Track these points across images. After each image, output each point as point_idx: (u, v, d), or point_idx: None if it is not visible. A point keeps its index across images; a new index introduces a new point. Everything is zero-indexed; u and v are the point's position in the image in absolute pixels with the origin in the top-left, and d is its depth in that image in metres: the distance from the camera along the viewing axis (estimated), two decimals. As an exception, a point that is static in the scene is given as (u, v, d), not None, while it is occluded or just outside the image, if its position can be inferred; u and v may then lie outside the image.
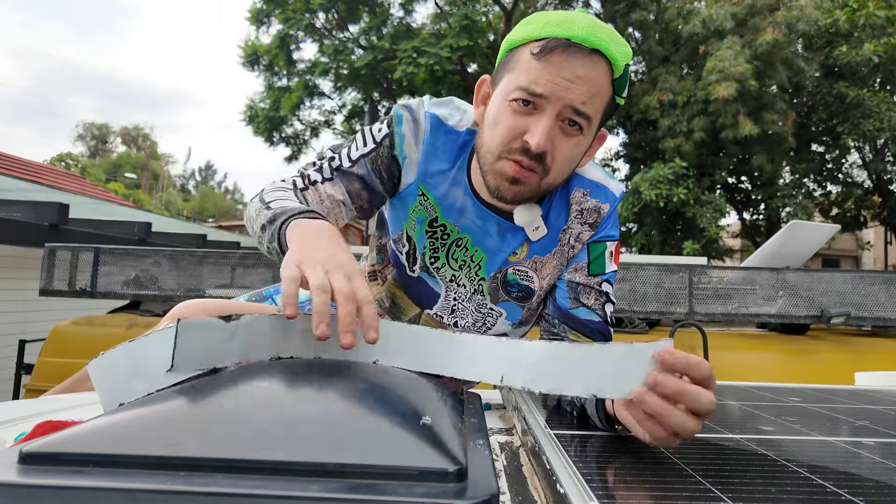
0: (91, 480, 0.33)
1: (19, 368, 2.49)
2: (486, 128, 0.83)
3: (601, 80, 0.77)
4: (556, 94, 0.75)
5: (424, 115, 0.91)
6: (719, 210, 9.71)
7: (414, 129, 0.91)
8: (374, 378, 0.55)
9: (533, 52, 0.76)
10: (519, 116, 0.78)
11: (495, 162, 0.81)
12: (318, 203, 0.90)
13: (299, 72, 13.13)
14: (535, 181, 0.81)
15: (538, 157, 0.78)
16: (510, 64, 0.80)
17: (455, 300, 1.00)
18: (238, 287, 2.32)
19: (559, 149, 0.79)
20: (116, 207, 8.75)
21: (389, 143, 0.91)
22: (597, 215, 0.92)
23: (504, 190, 0.82)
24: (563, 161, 0.81)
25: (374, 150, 0.92)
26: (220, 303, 0.99)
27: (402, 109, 0.92)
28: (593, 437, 0.61)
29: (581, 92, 0.75)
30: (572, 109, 0.76)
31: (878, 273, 2.33)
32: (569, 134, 0.79)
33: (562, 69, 0.75)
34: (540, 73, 0.75)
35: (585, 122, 0.78)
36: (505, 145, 0.79)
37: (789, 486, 0.45)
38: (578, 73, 0.75)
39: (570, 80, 0.75)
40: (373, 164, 0.91)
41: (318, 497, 0.32)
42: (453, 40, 10.83)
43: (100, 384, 0.57)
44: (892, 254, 15.13)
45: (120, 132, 40.03)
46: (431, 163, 0.91)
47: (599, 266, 0.93)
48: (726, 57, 9.11)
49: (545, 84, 0.75)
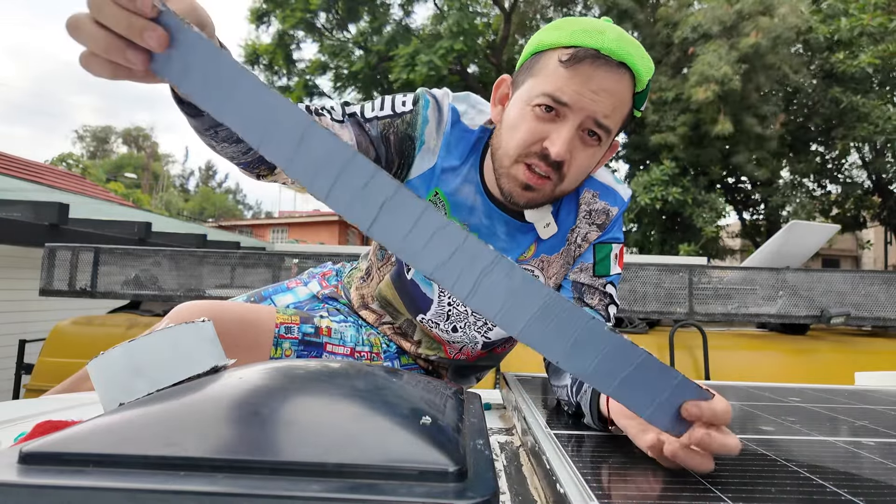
0: (91, 480, 0.33)
1: (19, 368, 2.49)
2: (504, 130, 0.83)
3: (624, 93, 0.77)
4: (580, 105, 0.75)
5: (448, 108, 0.90)
6: (716, 210, 9.73)
7: (438, 117, 0.90)
8: (375, 378, 0.55)
9: (561, 60, 0.75)
10: (541, 122, 0.78)
11: (511, 165, 0.81)
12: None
13: (299, 71, 13.13)
14: (549, 188, 0.81)
15: (556, 165, 0.78)
16: (535, 68, 0.79)
17: (450, 305, 0.99)
18: (238, 287, 2.32)
19: (576, 158, 0.79)
20: (116, 207, 8.74)
21: (410, 121, 0.88)
22: (605, 217, 0.93)
23: (517, 196, 0.82)
24: (579, 170, 0.81)
25: (391, 118, 0.88)
26: (218, 304, 0.99)
27: (428, 95, 0.90)
28: (593, 437, 0.61)
29: (605, 105, 0.76)
30: (594, 121, 0.76)
31: (878, 273, 2.33)
32: (587, 144, 0.79)
33: (589, 80, 0.74)
34: (567, 81, 0.75)
35: (605, 134, 0.79)
36: (523, 149, 0.79)
37: (789, 486, 0.45)
38: (605, 85, 0.75)
39: (595, 93, 0.75)
40: (384, 130, 0.87)
41: (318, 497, 0.32)
42: (448, 43, 10.84)
43: (100, 384, 0.57)
44: (892, 254, 15.14)
45: (122, 133, 40.07)
46: (446, 159, 0.91)
47: (605, 268, 0.93)
48: (710, 61, 9.21)
49: (571, 94, 0.75)
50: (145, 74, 0.48)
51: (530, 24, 13.03)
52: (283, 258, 2.36)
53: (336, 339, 1.04)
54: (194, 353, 0.59)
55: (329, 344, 1.03)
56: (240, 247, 7.06)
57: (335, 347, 1.04)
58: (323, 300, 1.17)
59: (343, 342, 1.05)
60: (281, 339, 0.99)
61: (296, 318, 1.02)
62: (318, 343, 1.02)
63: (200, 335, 0.60)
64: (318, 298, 1.18)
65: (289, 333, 0.99)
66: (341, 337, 1.05)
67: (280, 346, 0.98)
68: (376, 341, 1.10)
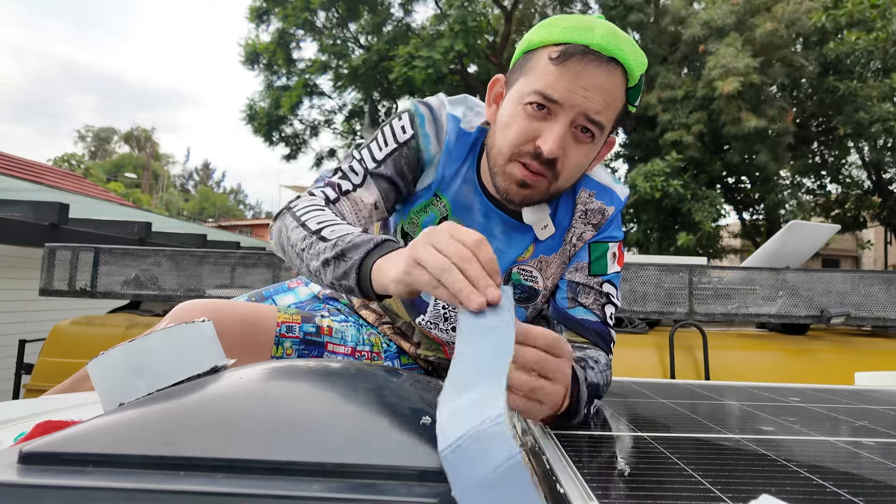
0: (91, 480, 0.33)
1: (19, 368, 2.49)
2: (498, 129, 0.83)
3: (616, 89, 0.77)
4: (571, 102, 0.75)
5: (447, 117, 0.90)
6: (715, 205, 9.71)
7: (436, 129, 0.90)
8: (375, 378, 0.55)
9: (551, 57, 0.75)
10: (533, 120, 0.78)
11: (506, 164, 0.81)
12: (354, 213, 0.88)
13: (299, 71, 13.12)
14: (544, 185, 0.81)
15: (549, 163, 0.78)
16: (527, 66, 0.79)
17: (445, 308, 0.99)
18: (238, 287, 2.32)
19: (570, 155, 0.79)
20: (116, 207, 8.74)
21: (415, 145, 0.90)
22: (601, 216, 0.93)
23: (513, 193, 0.82)
24: (573, 167, 0.81)
25: (398, 149, 0.90)
26: (220, 303, 0.99)
27: (422, 108, 0.90)
28: (593, 437, 0.61)
29: (596, 101, 0.75)
30: (586, 118, 0.76)
31: (878, 273, 2.32)
32: (581, 141, 0.79)
33: (579, 77, 0.74)
34: (557, 78, 0.75)
35: (598, 130, 0.79)
36: (516, 148, 0.79)
37: (789, 486, 0.45)
38: (595, 81, 0.75)
39: (586, 89, 0.75)
40: (396, 164, 0.90)
41: (318, 497, 0.32)
42: (448, 42, 10.83)
43: (100, 384, 0.57)
44: (892, 254, 15.13)
45: (124, 135, 40.10)
46: (448, 166, 0.91)
47: (601, 266, 0.93)
48: (728, 54, 9.13)
49: (562, 91, 0.75)
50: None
51: (531, 23, 13.04)
52: (283, 258, 2.35)
53: (337, 339, 1.05)
54: (194, 353, 0.58)
55: (330, 343, 1.03)
56: (240, 247, 7.06)
57: (336, 347, 1.04)
58: (324, 300, 1.17)
59: (344, 342, 1.05)
60: (282, 338, 0.99)
61: (297, 318, 1.02)
62: (319, 342, 1.02)
63: (200, 335, 0.60)
64: (318, 298, 1.18)
65: (290, 333, 1.00)
66: (342, 336, 1.06)
67: (281, 346, 0.98)
68: (377, 341, 1.10)
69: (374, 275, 0.66)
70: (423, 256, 0.56)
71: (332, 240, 0.73)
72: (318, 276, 0.75)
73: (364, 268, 0.67)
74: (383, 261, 0.65)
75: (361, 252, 0.68)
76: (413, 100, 0.93)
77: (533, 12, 13.10)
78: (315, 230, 0.76)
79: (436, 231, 0.58)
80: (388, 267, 0.63)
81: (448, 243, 0.56)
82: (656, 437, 0.60)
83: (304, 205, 0.82)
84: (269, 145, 13.68)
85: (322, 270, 0.73)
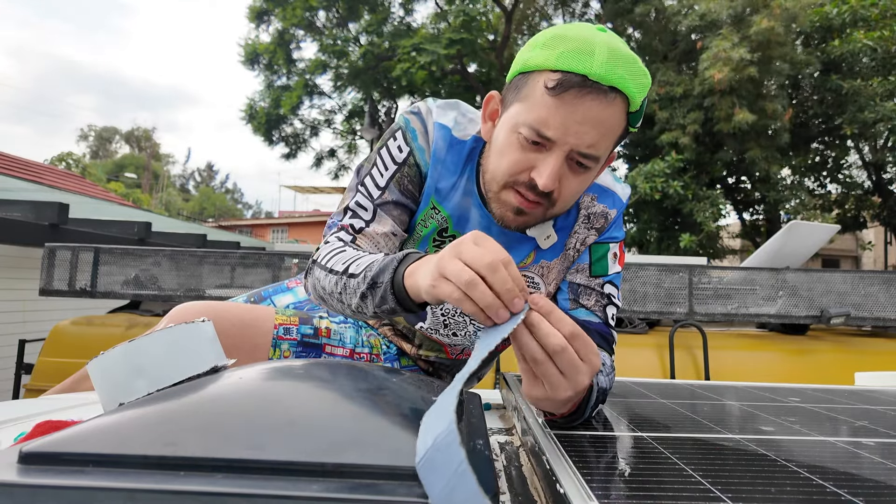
0: (91, 480, 0.33)
1: (19, 368, 2.49)
2: (492, 152, 0.81)
3: (615, 119, 0.74)
4: (564, 140, 0.73)
5: (433, 126, 0.89)
6: (716, 205, 9.69)
7: (425, 139, 0.89)
8: (374, 378, 0.55)
9: (547, 87, 0.72)
10: (527, 151, 0.76)
11: (500, 191, 0.80)
12: (373, 247, 0.88)
13: (299, 71, 13.12)
14: (541, 212, 0.81)
15: (544, 194, 0.77)
16: (522, 91, 0.76)
17: (444, 315, 0.99)
18: (238, 287, 2.32)
19: (566, 185, 0.78)
20: (116, 207, 8.74)
21: (414, 161, 0.89)
22: (604, 220, 0.92)
23: (508, 220, 0.82)
24: (570, 194, 0.80)
25: (399, 170, 0.90)
26: (217, 305, 0.99)
27: (412, 120, 0.90)
28: (593, 437, 0.61)
29: (591, 136, 0.73)
30: (580, 154, 0.74)
31: (878, 273, 2.32)
32: (576, 172, 0.77)
33: (575, 111, 0.71)
34: (552, 113, 0.72)
35: (594, 163, 0.77)
36: (511, 177, 0.78)
37: (789, 486, 0.45)
38: (591, 114, 0.72)
39: (582, 123, 0.72)
40: (400, 185, 0.90)
41: (318, 497, 0.32)
42: (452, 34, 10.80)
43: (100, 384, 0.57)
44: (892, 254, 15.13)
45: (125, 136, 40.09)
46: (442, 178, 0.90)
47: (602, 267, 0.92)
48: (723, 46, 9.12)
49: (556, 128, 0.72)
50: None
51: (531, 22, 13.03)
52: (282, 258, 2.36)
53: (335, 341, 1.04)
54: (194, 353, 0.59)
55: (328, 345, 1.03)
56: (240, 247, 7.06)
57: (334, 349, 1.04)
58: (323, 300, 1.17)
59: (342, 343, 1.05)
60: (280, 340, 0.98)
61: (294, 319, 1.01)
62: (317, 344, 1.02)
63: (200, 335, 0.60)
64: (318, 298, 1.18)
65: (287, 335, 0.99)
66: (340, 338, 1.05)
67: (279, 348, 0.98)
68: (376, 342, 1.09)
69: (408, 289, 0.67)
70: (449, 269, 0.57)
71: (360, 273, 0.74)
72: (361, 311, 0.76)
73: (397, 286, 0.68)
74: (411, 273, 0.66)
75: (389, 272, 0.69)
76: (402, 112, 0.92)
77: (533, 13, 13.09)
78: (342, 271, 0.77)
79: (462, 242, 0.58)
80: (417, 277, 0.65)
81: (474, 255, 0.56)
82: (656, 438, 0.60)
83: (326, 253, 0.84)
84: (269, 145, 13.68)
85: (363, 305, 0.74)
